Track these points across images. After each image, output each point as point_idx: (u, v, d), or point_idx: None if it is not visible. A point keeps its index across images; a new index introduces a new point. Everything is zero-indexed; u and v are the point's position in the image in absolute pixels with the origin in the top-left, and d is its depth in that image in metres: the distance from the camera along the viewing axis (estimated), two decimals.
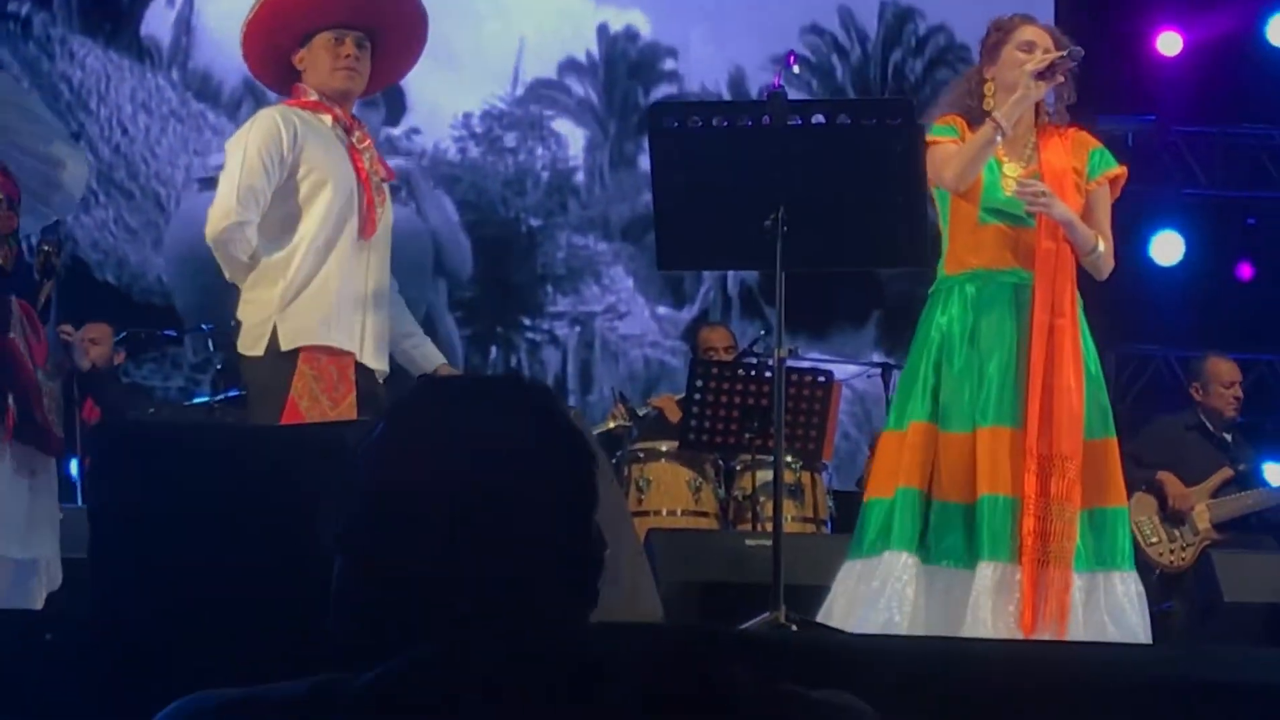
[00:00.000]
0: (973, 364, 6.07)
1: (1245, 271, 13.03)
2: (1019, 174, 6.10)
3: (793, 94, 6.35)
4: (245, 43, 6.49)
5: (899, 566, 5.94)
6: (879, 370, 9.62)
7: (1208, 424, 9.38)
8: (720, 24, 12.73)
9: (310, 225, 6.20)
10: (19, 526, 5.83)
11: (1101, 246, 6.14)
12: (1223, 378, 9.59)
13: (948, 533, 5.97)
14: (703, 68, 12.71)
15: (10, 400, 5.85)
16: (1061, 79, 6.11)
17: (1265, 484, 9.65)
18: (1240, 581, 8.09)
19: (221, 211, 6.13)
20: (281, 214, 6.22)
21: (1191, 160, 12.33)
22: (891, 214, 5.86)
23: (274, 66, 6.46)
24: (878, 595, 5.91)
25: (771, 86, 6.58)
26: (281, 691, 1.86)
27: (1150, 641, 6.00)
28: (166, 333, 10.47)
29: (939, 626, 5.85)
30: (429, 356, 6.66)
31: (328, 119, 6.32)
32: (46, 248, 6.62)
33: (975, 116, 6.19)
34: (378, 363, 6.24)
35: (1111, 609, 5.94)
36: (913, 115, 5.98)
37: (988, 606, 5.79)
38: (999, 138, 6.01)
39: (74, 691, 3.91)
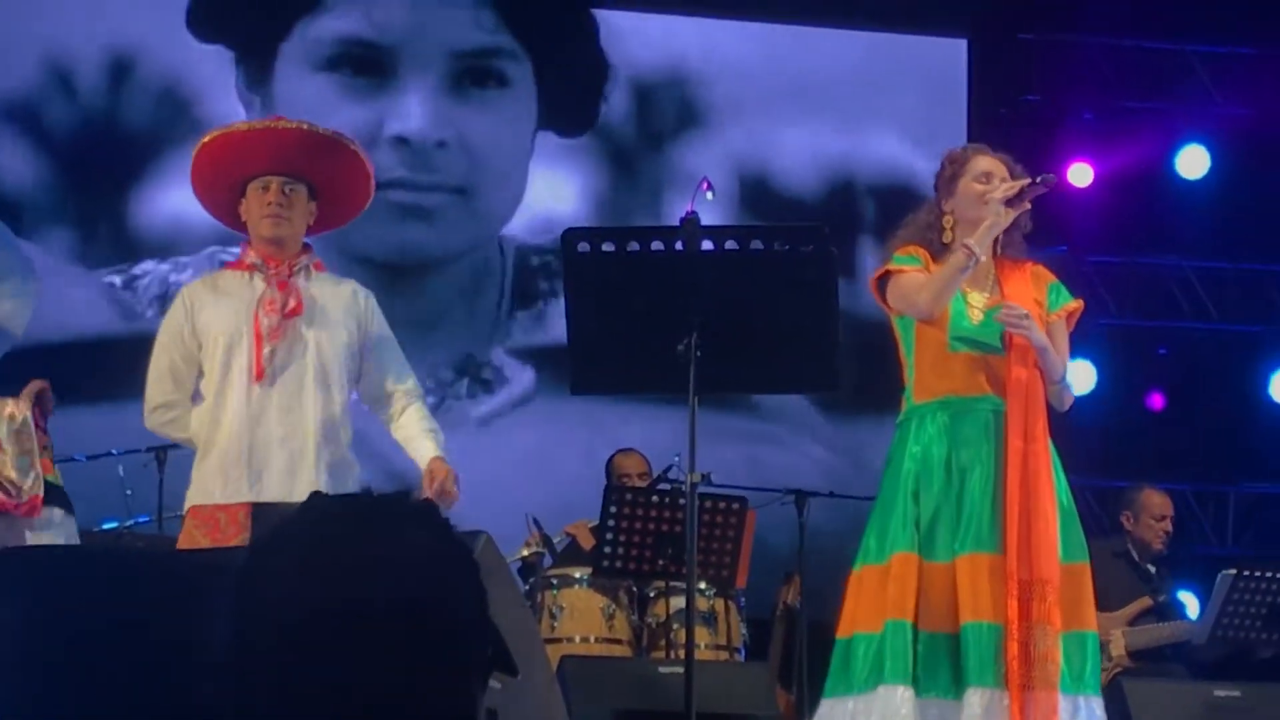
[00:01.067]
0: (950, 491, 6.04)
1: (1156, 401, 13.12)
2: (985, 303, 6.12)
3: (707, 219, 6.38)
4: (196, 194, 6.65)
5: (896, 700, 5.88)
6: (792, 497, 9.53)
7: (1134, 553, 9.35)
8: None
9: (207, 385, 6.33)
10: None
11: (1065, 379, 6.19)
12: (1154, 510, 9.58)
13: (937, 664, 5.92)
14: None
15: None
16: (1028, 205, 6.14)
17: (1184, 616, 9.68)
18: (1151, 709, 8.04)
19: (145, 403, 6.44)
20: (202, 383, 6.38)
21: (1103, 290, 12.30)
22: (803, 340, 5.95)
23: (229, 218, 6.56)
24: None
25: (686, 212, 6.51)
26: None
27: None
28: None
29: None
30: (420, 453, 6.63)
31: (247, 276, 6.41)
32: None
33: (935, 248, 6.19)
34: (291, 494, 6.16)
35: None
36: (825, 242, 5.98)
37: None
38: (972, 264, 5.98)
39: None
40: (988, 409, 6.06)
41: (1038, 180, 6.12)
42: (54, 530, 6.48)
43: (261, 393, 6.28)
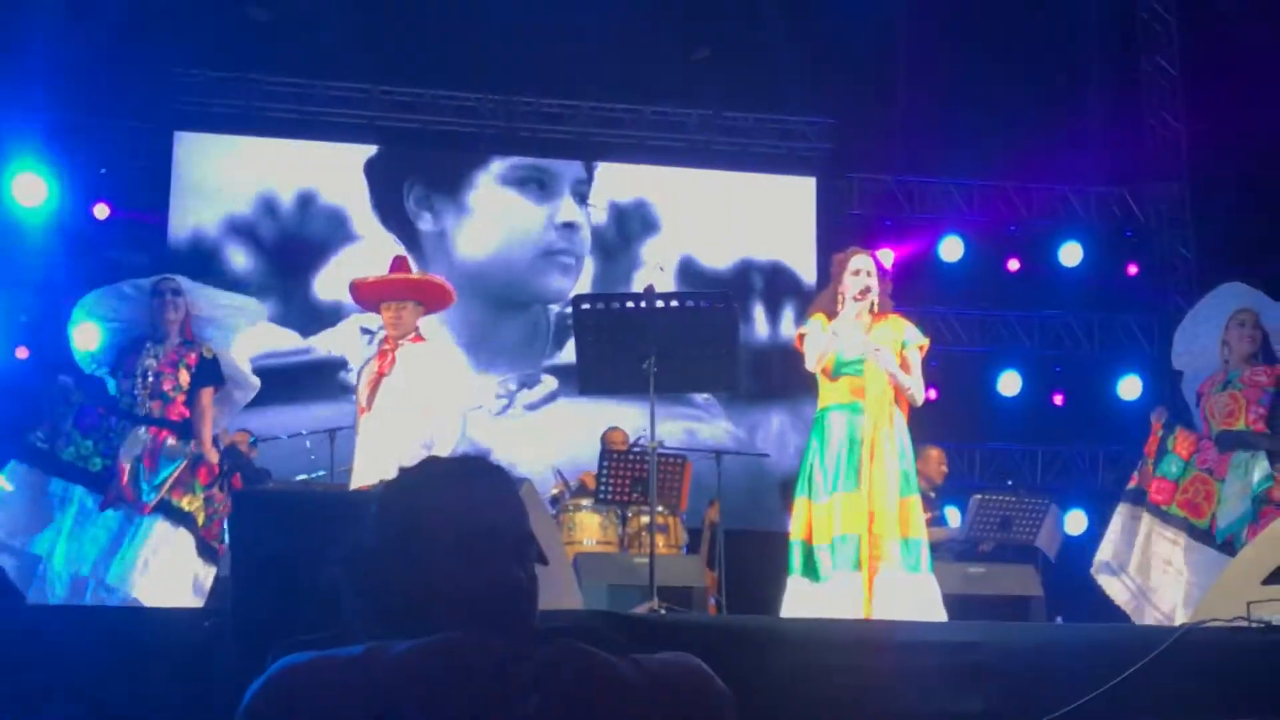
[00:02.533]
0: (837, 457, 6.00)
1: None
2: (859, 345, 6.04)
3: (660, 288, 6.62)
4: (353, 299, 6.80)
5: (799, 584, 5.97)
6: (713, 455, 9.37)
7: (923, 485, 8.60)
8: None
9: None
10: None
11: (913, 388, 6.07)
12: (933, 460, 9.41)
13: (825, 560, 5.89)
14: None
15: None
16: (875, 287, 6.13)
17: (946, 524, 9.38)
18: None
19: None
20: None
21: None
22: (717, 359, 6.03)
23: (372, 309, 6.72)
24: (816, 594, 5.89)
25: (647, 285, 6.91)
26: (342, 653, 1.76)
27: (946, 620, 5.88)
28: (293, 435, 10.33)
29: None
30: None
31: (382, 344, 6.56)
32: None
33: (831, 313, 6.16)
34: (376, 478, 6.06)
35: (924, 599, 5.87)
36: (730, 301, 6.09)
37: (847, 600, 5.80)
38: (835, 346, 6.02)
39: (220, 657, 3.79)
40: (858, 409, 6.03)
41: (882, 284, 6.21)
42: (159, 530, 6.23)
43: (368, 419, 6.36)
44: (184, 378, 6.48)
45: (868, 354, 6.03)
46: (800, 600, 5.96)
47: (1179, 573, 6.48)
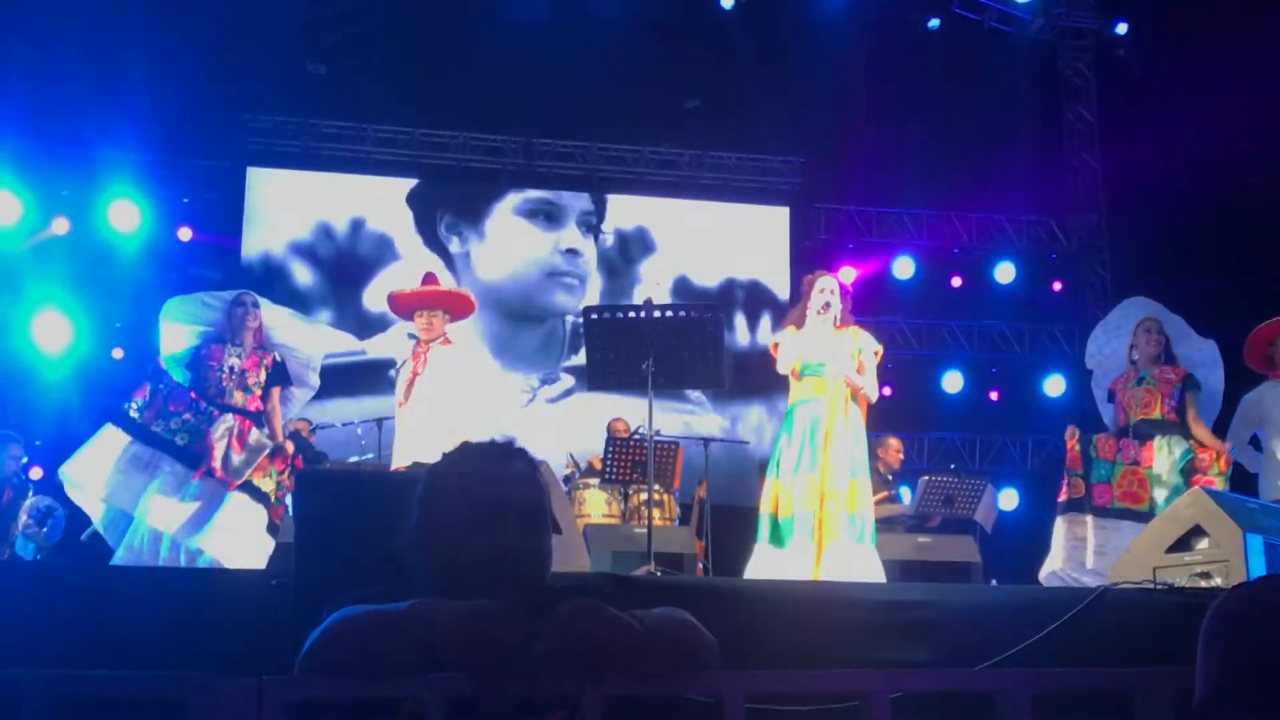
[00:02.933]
0: (800, 444, 5.99)
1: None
2: (821, 350, 6.07)
3: (657, 300, 6.64)
4: (390, 309, 6.85)
5: (765, 552, 5.97)
6: (702, 442, 9.20)
7: (880, 468, 8.91)
8: None
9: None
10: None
11: (867, 387, 6.07)
12: (892, 447, 9.37)
13: (787, 530, 5.90)
14: None
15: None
16: (836, 304, 6.15)
17: (900, 501, 9.26)
18: (883, 549, 6.55)
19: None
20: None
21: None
22: (705, 361, 5.95)
23: (407, 318, 6.66)
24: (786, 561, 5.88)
25: (646, 298, 6.64)
26: (392, 608, 1.75)
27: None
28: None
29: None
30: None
31: (416, 347, 6.53)
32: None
33: (800, 325, 6.18)
34: (411, 460, 6.13)
35: (865, 566, 5.85)
36: (716, 313, 6.04)
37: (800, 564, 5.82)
38: (800, 352, 6.04)
39: (284, 612, 3.61)
40: (822, 405, 6.02)
41: (842, 300, 6.18)
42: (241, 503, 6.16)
43: (404, 412, 6.38)
44: (262, 376, 6.45)
45: (827, 360, 6.02)
46: (763, 564, 5.93)
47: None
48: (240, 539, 6.07)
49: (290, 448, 6.41)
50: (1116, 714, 2.09)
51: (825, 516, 5.87)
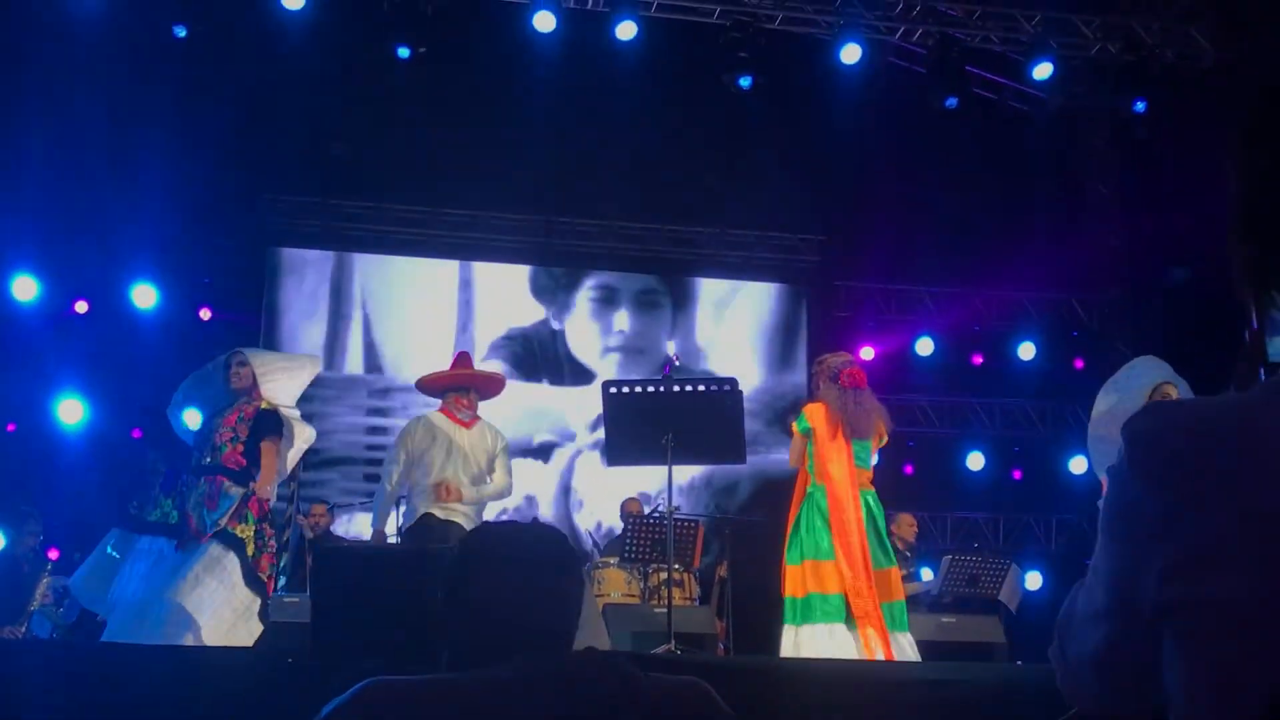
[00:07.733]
0: (816, 529, 6.10)
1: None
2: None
3: (677, 376, 6.65)
4: (421, 389, 7.12)
5: (809, 630, 6.04)
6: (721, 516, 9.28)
7: (898, 545, 8.77)
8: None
9: (417, 475, 6.71)
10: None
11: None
12: (906, 524, 9.49)
13: (810, 612, 5.99)
14: None
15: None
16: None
17: (920, 580, 9.37)
18: None
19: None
20: (410, 468, 6.74)
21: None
22: (725, 437, 5.98)
23: (438, 396, 6.96)
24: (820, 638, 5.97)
25: (665, 372, 6.83)
26: (427, 677, 1.76)
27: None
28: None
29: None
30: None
31: (448, 421, 6.77)
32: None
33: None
34: (450, 516, 6.46)
35: (902, 652, 5.94)
36: (735, 386, 6.04)
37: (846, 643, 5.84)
38: (807, 443, 6.13)
39: (293, 690, 3.71)
40: (826, 490, 6.12)
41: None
42: (213, 555, 6.13)
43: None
44: (242, 430, 6.37)
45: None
46: (795, 645, 5.95)
47: None
48: (212, 588, 6.01)
49: (267, 495, 6.33)
50: None
51: (858, 604, 5.89)
